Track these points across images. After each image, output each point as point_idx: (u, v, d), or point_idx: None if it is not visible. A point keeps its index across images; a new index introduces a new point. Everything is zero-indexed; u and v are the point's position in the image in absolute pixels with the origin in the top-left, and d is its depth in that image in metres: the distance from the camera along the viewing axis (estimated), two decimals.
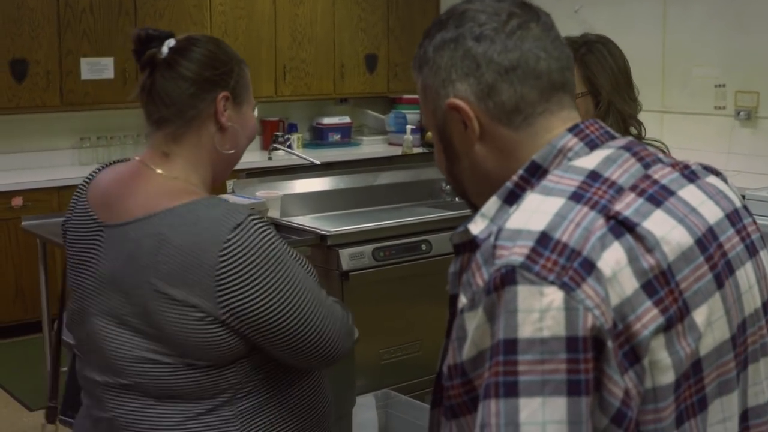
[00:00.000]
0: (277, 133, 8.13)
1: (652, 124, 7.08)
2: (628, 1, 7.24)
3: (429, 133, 5.81)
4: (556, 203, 1.26)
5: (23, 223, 5.03)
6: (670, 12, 7.22)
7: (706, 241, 1.32)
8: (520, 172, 1.36)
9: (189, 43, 2.13)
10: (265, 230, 1.98)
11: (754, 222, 1.47)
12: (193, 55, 2.11)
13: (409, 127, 8.27)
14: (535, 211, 1.26)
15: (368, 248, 4.76)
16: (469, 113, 1.39)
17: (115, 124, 7.79)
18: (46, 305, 5.11)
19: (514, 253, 1.21)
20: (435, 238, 5.01)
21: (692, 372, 1.26)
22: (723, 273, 1.33)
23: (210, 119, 2.12)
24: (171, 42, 2.12)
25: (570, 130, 1.39)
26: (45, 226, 4.84)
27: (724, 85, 6.91)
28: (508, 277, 1.19)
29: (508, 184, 1.36)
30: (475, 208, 1.48)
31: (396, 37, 9.07)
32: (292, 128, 8.75)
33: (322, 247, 4.66)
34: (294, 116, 8.88)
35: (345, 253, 4.67)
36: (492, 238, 1.25)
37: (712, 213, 1.37)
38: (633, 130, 2.96)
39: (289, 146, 7.93)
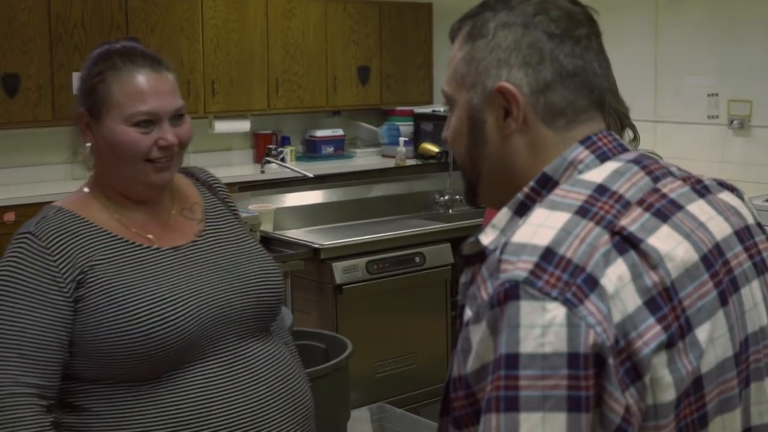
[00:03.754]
0: (270, 146, 8.13)
1: (645, 134, 7.07)
2: (619, 10, 7.24)
3: (423, 145, 5.74)
4: (562, 218, 1.25)
5: None
6: (662, 21, 7.22)
7: (712, 257, 1.31)
8: (531, 183, 1.36)
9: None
10: (14, 253, 2.07)
11: None
12: None
13: (402, 139, 8.27)
14: (541, 226, 1.25)
15: (362, 261, 4.76)
16: (519, 102, 1.37)
17: None
18: None
19: (518, 267, 1.20)
20: (429, 251, 5.01)
21: (693, 389, 1.25)
22: (727, 290, 1.31)
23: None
24: None
25: (582, 142, 1.38)
26: None
27: (716, 94, 6.91)
28: (511, 292, 1.19)
29: (519, 196, 1.35)
30: (472, 192, 1.48)
31: (388, 48, 9.07)
32: (285, 141, 8.74)
33: (315, 261, 4.66)
34: (287, 129, 8.88)
35: (338, 267, 4.66)
36: (498, 252, 1.24)
37: (720, 229, 1.36)
38: (630, 133, 2.95)
39: (282, 159, 7.92)
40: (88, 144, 2.18)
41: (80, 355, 2.06)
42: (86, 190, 2.23)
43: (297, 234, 5.08)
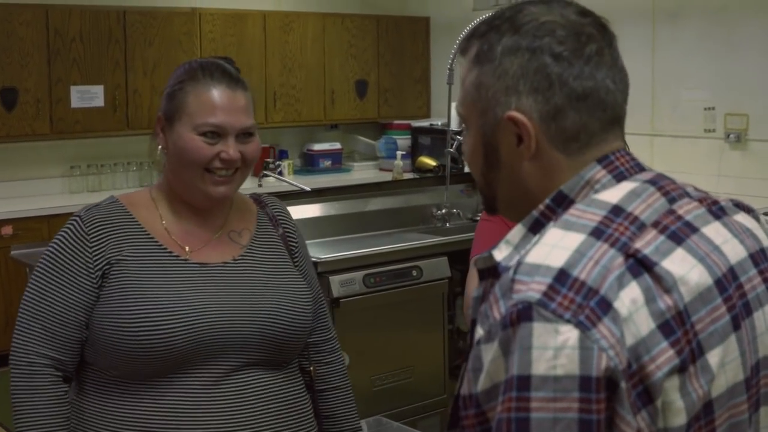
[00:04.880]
0: (268, 159, 8.13)
1: (642, 148, 7.09)
2: (617, 25, 7.18)
3: (420, 158, 5.76)
4: (576, 239, 1.25)
5: (12, 252, 5.00)
6: (659, 35, 7.24)
7: (726, 281, 1.30)
8: (547, 201, 1.35)
9: None
10: (61, 232, 2.23)
11: None
12: None
13: (399, 153, 8.28)
14: (555, 246, 1.24)
15: (359, 275, 4.75)
16: (531, 132, 1.34)
17: (106, 152, 7.78)
18: None
19: (532, 289, 1.20)
20: (426, 264, 5.00)
21: (703, 413, 1.24)
22: (740, 314, 1.31)
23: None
24: None
25: (599, 161, 1.36)
26: (34, 255, 4.80)
27: (713, 108, 6.92)
28: (524, 313, 1.18)
29: (534, 213, 1.34)
30: (492, 207, 1.47)
31: (386, 62, 9.09)
32: (282, 155, 8.75)
33: None
34: (284, 143, 8.89)
35: (335, 280, 4.66)
36: (511, 272, 1.24)
37: (736, 252, 1.35)
38: None
39: (280, 173, 7.92)
40: (160, 147, 2.27)
41: (87, 339, 2.19)
42: (150, 189, 2.34)
43: None
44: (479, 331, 1.25)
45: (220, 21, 8.03)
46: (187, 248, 2.26)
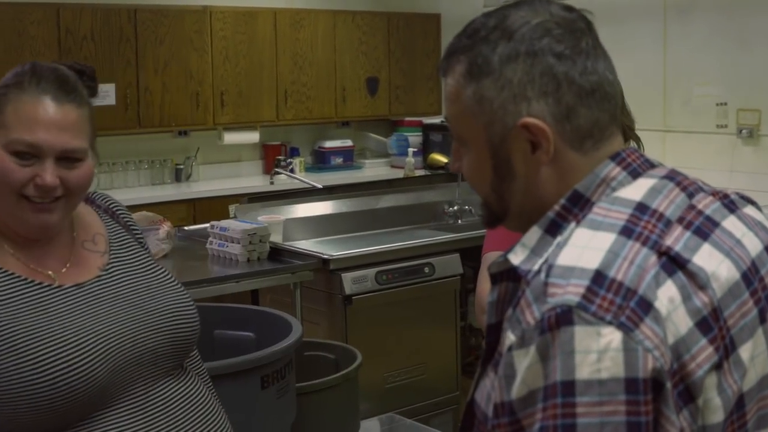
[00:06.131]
0: (279, 157, 8.15)
1: (654, 144, 7.08)
2: (628, 20, 7.24)
3: (432, 155, 5.72)
4: (607, 239, 1.24)
5: None
6: (671, 31, 7.22)
7: (751, 274, 1.30)
8: (562, 201, 1.32)
9: None
10: None
11: None
12: None
13: (410, 150, 8.28)
14: (586, 247, 1.23)
15: (371, 272, 4.76)
16: (549, 135, 1.31)
17: (117, 150, 7.79)
18: None
19: (569, 292, 1.18)
20: (438, 261, 5.00)
21: (736, 408, 1.24)
22: (765, 307, 1.31)
23: None
24: None
25: (612, 158, 1.35)
26: None
27: (725, 104, 6.90)
28: (564, 317, 1.17)
29: (550, 214, 1.32)
30: (497, 220, 1.43)
31: (397, 59, 9.08)
32: (294, 152, 8.76)
33: (324, 272, 4.66)
34: (296, 140, 8.89)
35: (348, 277, 4.66)
36: (542, 275, 1.22)
37: (753, 245, 1.35)
38: (633, 145, 2.94)
39: (291, 170, 7.93)
40: None
41: None
42: None
43: (306, 245, 5.08)
44: (510, 337, 1.23)
45: (231, 19, 8.03)
46: (50, 273, 1.94)
